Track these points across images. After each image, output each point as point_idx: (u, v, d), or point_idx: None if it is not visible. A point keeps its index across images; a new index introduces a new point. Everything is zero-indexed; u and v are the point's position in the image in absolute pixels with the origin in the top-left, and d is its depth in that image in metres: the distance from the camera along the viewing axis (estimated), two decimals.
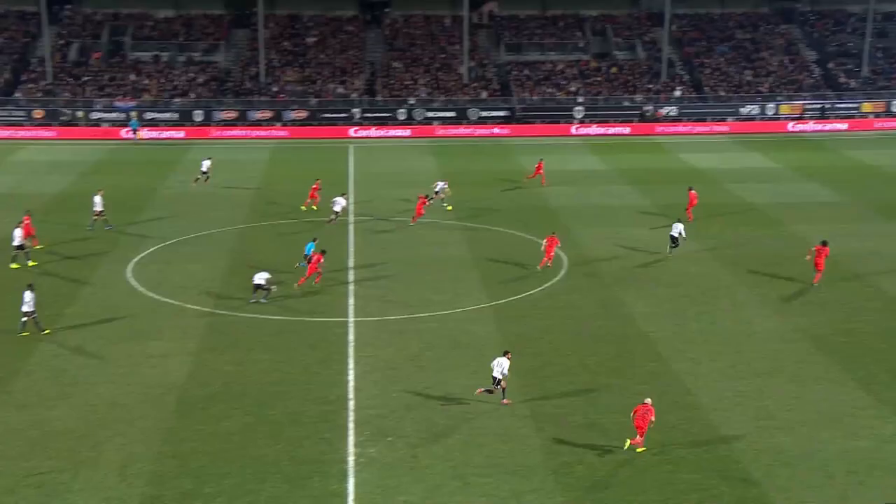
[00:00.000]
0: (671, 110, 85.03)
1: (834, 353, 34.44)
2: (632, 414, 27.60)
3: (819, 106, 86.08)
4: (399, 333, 36.24)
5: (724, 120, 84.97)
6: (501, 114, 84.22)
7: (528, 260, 45.11)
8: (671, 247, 46.00)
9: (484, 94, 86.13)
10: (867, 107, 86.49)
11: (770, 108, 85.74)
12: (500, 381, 29.92)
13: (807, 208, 56.18)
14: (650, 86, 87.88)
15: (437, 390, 31.18)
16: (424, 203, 51.70)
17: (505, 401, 30.14)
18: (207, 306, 38.96)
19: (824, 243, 41.97)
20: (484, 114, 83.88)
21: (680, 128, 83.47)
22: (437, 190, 55.19)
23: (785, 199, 58.53)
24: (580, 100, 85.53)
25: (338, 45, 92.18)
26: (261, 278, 39.05)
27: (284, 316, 37.85)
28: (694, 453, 27.26)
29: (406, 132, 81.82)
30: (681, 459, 26.92)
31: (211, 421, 29.09)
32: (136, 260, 45.42)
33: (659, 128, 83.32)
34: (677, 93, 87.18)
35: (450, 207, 54.60)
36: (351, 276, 43.03)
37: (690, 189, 53.40)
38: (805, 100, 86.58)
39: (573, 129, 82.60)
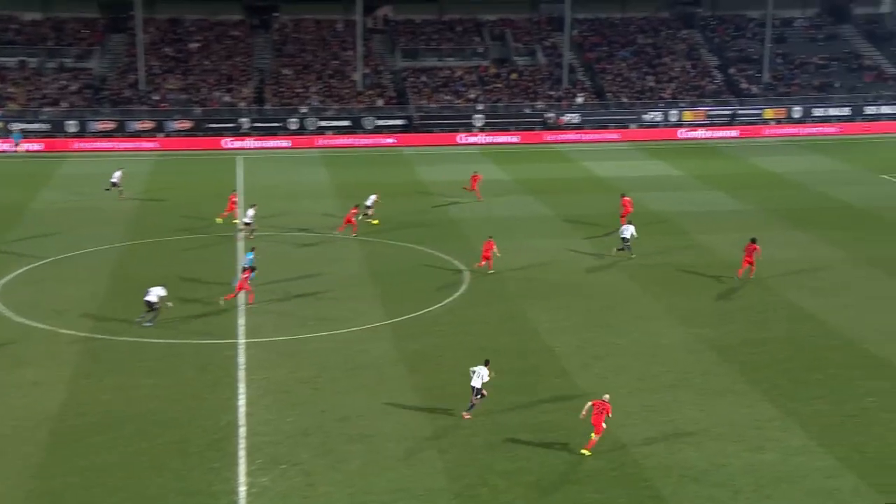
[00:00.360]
0: (573, 117, 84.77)
1: (740, 364, 34.27)
2: (589, 405, 27.57)
3: (728, 112, 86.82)
4: (293, 355, 34.95)
5: (626, 127, 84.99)
6: (399, 122, 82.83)
7: (428, 275, 44.34)
8: (627, 248, 46.31)
9: (380, 102, 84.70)
10: (769, 113, 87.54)
11: (673, 114, 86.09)
12: (479, 390, 29.29)
13: (712, 217, 56.22)
14: (552, 92, 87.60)
15: (335, 413, 29.95)
16: (355, 213, 50.78)
17: (466, 415, 29.51)
18: (84, 330, 36.95)
19: (753, 241, 43.32)
20: (380, 122, 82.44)
21: (571, 135, 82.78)
22: (368, 203, 53.71)
23: (690, 207, 58.62)
24: (479, 107, 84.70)
25: (223, 51, 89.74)
26: (155, 295, 37.01)
27: (170, 339, 36.10)
28: (602, 471, 26.68)
29: (296, 142, 79.68)
30: (588, 478, 26.32)
31: (88, 453, 27.41)
32: (3, 282, 43.01)
33: (549, 136, 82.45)
34: (579, 99, 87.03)
35: (376, 221, 53.10)
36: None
37: (623, 195, 52.90)
38: (708, 106, 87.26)
39: (459, 139, 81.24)
